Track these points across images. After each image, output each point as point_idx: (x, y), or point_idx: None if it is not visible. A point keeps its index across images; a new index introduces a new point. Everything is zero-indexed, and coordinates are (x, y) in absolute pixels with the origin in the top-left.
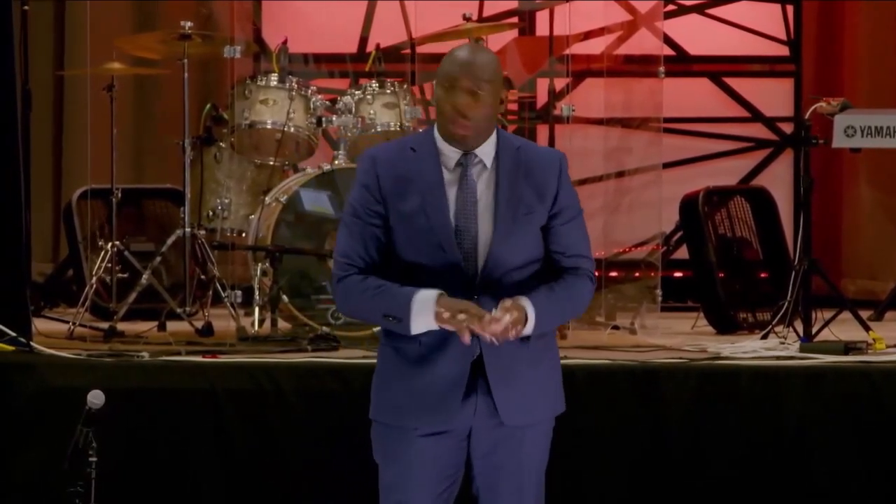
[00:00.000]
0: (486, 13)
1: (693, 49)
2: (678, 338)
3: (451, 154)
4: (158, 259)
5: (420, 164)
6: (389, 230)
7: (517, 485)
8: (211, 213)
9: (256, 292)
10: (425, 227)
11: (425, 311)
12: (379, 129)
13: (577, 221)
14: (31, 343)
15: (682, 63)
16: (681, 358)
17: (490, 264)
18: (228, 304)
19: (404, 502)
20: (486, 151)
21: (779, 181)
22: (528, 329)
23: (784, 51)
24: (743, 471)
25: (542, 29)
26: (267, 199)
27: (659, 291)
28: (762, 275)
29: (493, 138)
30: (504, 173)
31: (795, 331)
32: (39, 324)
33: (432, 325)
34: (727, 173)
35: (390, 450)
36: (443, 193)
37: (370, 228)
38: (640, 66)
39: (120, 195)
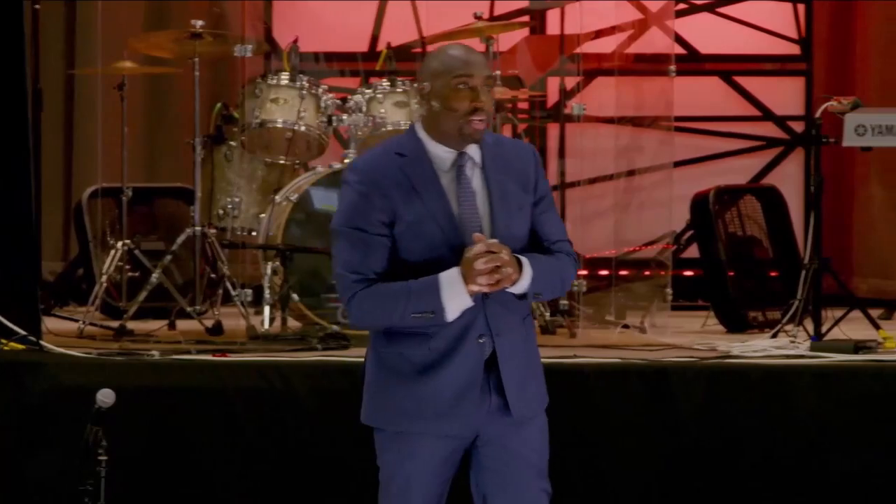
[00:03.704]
0: (496, 12)
1: (704, 48)
2: (688, 336)
3: (444, 155)
4: (169, 258)
5: (415, 169)
6: (393, 238)
7: (526, 479)
8: (221, 212)
9: (267, 291)
10: (433, 230)
11: (455, 289)
12: (389, 128)
13: (553, 208)
14: (42, 342)
15: (693, 62)
16: (691, 357)
17: None
18: (238, 302)
19: None
20: (474, 149)
21: (789, 180)
22: (525, 282)
23: (795, 49)
24: (753, 469)
25: (552, 27)
26: (277, 198)
27: (669, 290)
28: (772, 274)
29: None
30: (491, 169)
31: (805, 330)
32: (50, 322)
33: (467, 302)
34: (738, 172)
35: (396, 456)
36: (444, 196)
37: (377, 239)
38: (651, 65)
39: (130, 194)
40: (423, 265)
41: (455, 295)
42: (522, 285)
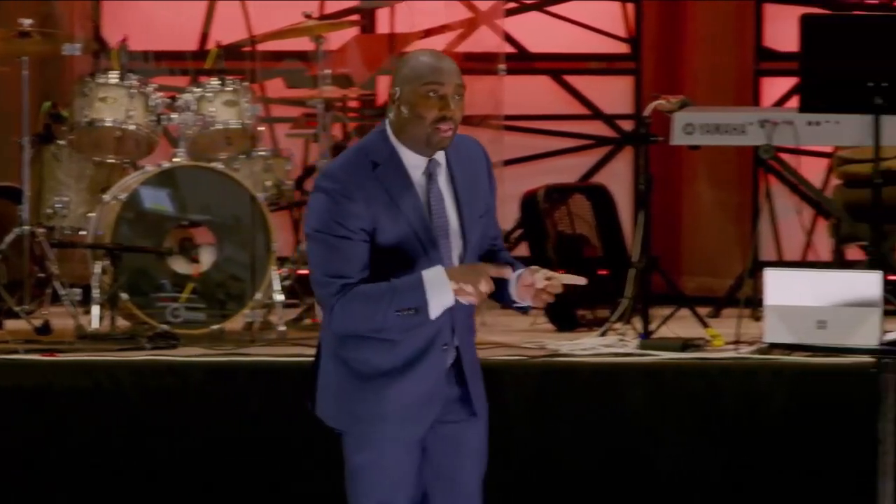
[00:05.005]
0: (326, 11)
1: (533, 47)
2: (517, 335)
3: (416, 163)
4: None
5: (391, 178)
6: (373, 244)
7: (469, 472)
8: (50, 212)
9: (96, 290)
10: (411, 239)
11: (440, 287)
12: (219, 127)
13: (495, 207)
14: None
15: (522, 61)
16: (520, 355)
17: (468, 259)
18: (67, 302)
19: None
20: (440, 154)
21: (619, 179)
22: None
23: (624, 48)
24: (584, 466)
25: (382, 26)
26: (106, 197)
27: None
28: (602, 272)
29: None
30: (458, 176)
31: (634, 328)
32: None
33: (449, 300)
34: (568, 171)
35: (366, 460)
36: (420, 206)
37: (359, 244)
38: (481, 64)
39: None
40: (398, 271)
41: (439, 292)
42: None
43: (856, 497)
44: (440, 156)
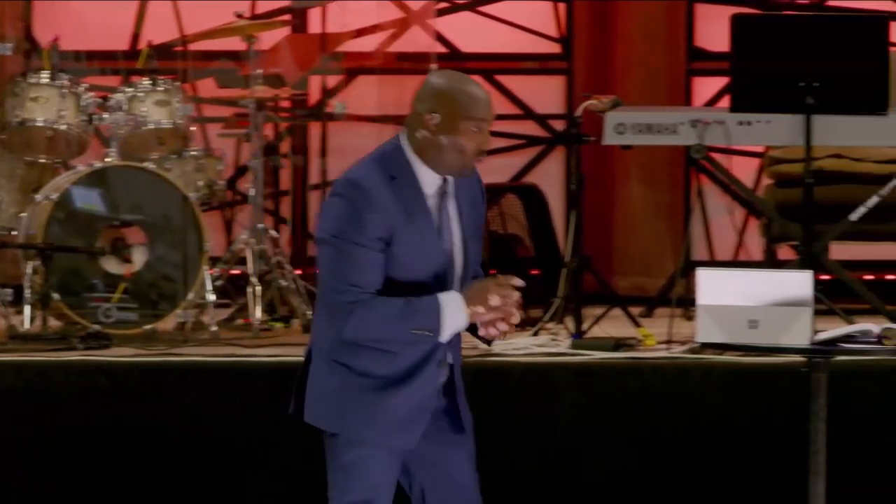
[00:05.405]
0: (257, 10)
1: (465, 46)
2: None
3: (431, 181)
4: None
5: (407, 194)
6: (385, 255)
7: (472, 482)
8: None
9: (27, 290)
10: (421, 254)
11: (455, 311)
12: (151, 126)
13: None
14: None
15: (454, 60)
16: None
17: (465, 277)
18: None
19: None
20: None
21: (551, 178)
22: None
23: (556, 48)
24: (517, 466)
25: (314, 26)
26: (38, 197)
27: None
28: (534, 272)
29: None
30: (461, 197)
31: (567, 328)
32: None
33: (462, 324)
34: (499, 171)
35: (351, 463)
36: (432, 223)
37: (377, 255)
38: (413, 64)
39: None
40: (405, 285)
41: (454, 317)
42: None
43: (788, 497)
44: (451, 178)
